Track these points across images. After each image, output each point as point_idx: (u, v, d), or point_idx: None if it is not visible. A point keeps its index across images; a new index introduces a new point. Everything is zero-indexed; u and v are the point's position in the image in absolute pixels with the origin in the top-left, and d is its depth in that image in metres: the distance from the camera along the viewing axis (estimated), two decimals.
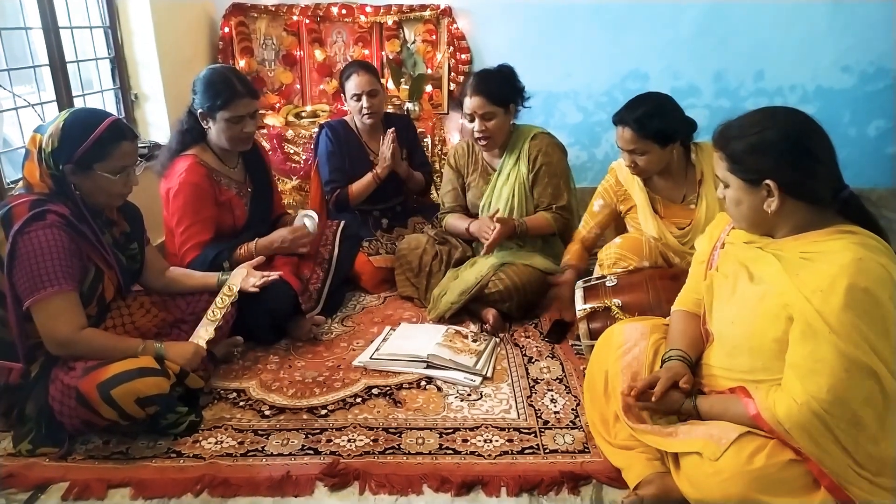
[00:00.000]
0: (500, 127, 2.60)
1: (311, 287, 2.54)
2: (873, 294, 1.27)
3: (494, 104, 2.55)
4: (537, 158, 2.64)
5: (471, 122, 2.60)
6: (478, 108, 2.54)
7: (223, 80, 2.32)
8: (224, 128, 2.34)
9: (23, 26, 2.63)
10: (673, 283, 1.95)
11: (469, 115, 2.59)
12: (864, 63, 3.76)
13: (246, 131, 2.37)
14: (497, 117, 2.57)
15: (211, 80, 2.33)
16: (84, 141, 1.74)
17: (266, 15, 3.73)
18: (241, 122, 2.34)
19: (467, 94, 2.58)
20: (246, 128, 2.36)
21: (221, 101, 2.29)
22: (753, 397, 1.40)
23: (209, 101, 2.31)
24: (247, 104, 2.34)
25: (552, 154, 2.66)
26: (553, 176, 2.64)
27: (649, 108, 2.13)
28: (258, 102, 2.44)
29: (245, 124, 2.35)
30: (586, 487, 1.65)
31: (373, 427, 1.89)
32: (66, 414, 1.73)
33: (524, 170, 2.65)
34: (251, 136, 2.42)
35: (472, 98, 2.55)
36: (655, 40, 3.75)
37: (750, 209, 1.42)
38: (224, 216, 2.44)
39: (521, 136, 2.70)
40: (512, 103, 2.61)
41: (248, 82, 2.41)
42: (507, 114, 2.61)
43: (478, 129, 2.58)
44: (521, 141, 2.68)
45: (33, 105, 2.61)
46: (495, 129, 2.59)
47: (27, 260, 1.68)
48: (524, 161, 2.65)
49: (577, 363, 2.23)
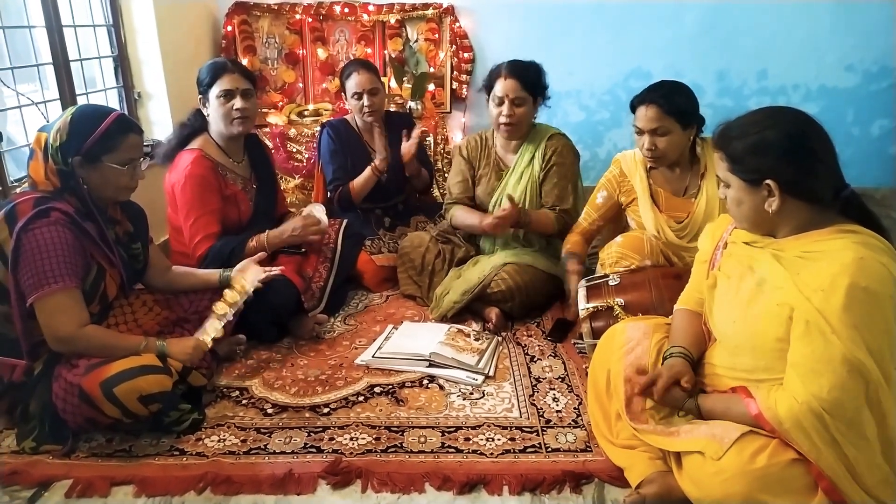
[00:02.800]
0: (526, 115, 2.57)
1: (314, 285, 2.54)
2: (874, 293, 1.27)
3: (526, 91, 2.52)
4: (551, 158, 2.62)
5: (498, 107, 2.56)
6: (510, 91, 2.51)
7: (214, 62, 2.42)
8: (215, 106, 2.38)
9: (26, 25, 2.63)
10: (676, 283, 1.95)
11: (499, 99, 2.54)
12: (868, 62, 3.76)
13: (237, 108, 2.37)
14: (526, 105, 2.55)
15: (206, 64, 2.43)
16: (92, 133, 1.76)
17: (269, 13, 3.73)
18: (231, 97, 2.36)
19: (501, 76, 2.53)
20: (236, 104, 2.37)
21: (210, 77, 2.37)
22: (755, 397, 1.40)
23: (203, 84, 2.39)
24: (235, 79, 2.38)
25: (566, 156, 2.64)
26: (562, 178, 2.63)
27: (674, 87, 2.18)
28: (250, 84, 2.43)
29: (235, 100, 2.37)
30: (588, 486, 1.65)
31: (375, 425, 1.89)
32: (69, 411, 1.73)
33: (537, 168, 2.63)
34: (245, 114, 2.40)
35: (507, 80, 2.51)
36: (658, 39, 3.75)
37: (751, 209, 1.42)
38: (229, 211, 2.45)
39: (538, 134, 2.67)
40: (539, 97, 2.60)
41: (240, 64, 2.47)
42: (534, 105, 2.59)
43: (506, 114, 2.53)
44: (538, 139, 2.66)
45: (37, 103, 2.61)
46: (522, 117, 2.56)
47: (31, 256, 1.68)
48: (538, 160, 2.63)
49: (579, 362, 2.23)
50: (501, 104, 2.54)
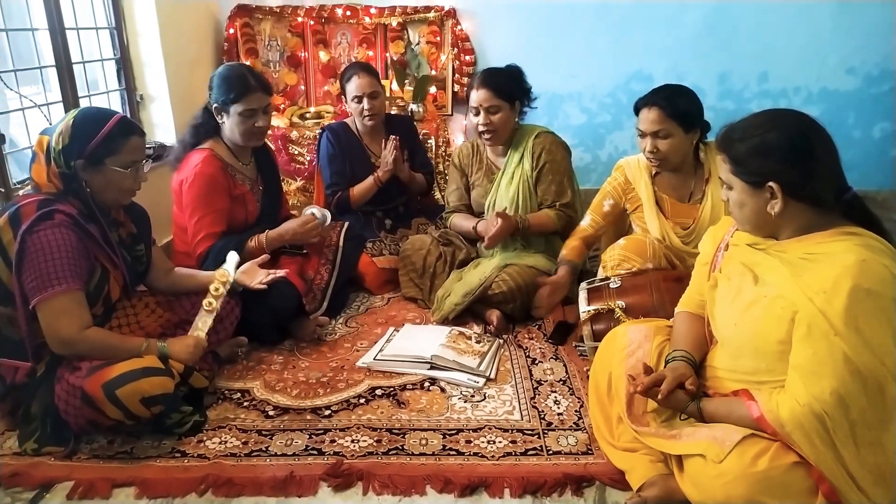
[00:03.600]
0: (504, 122, 2.61)
1: (315, 287, 2.55)
2: (877, 295, 1.27)
3: (500, 98, 2.57)
4: (541, 156, 2.65)
5: (476, 116, 2.62)
6: (483, 101, 2.57)
7: (238, 76, 2.39)
8: (237, 122, 2.38)
9: (29, 27, 2.64)
10: (677, 285, 1.95)
11: (475, 109, 2.61)
12: (869, 65, 3.75)
13: (258, 126, 2.42)
14: (502, 111, 2.59)
15: (226, 75, 2.40)
16: (95, 136, 1.77)
17: (271, 16, 3.74)
18: (254, 116, 2.39)
19: (474, 88, 2.61)
20: (258, 122, 2.41)
21: (235, 94, 2.35)
22: (757, 399, 1.39)
23: (223, 96, 2.37)
24: (259, 98, 2.39)
25: (555, 152, 2.67)
26: (556, 173, 2.65)
27: (677, 90, 2.20)
28: (271, 98, 2.49)
29: (257, 118, 2.40)
30: (590, 489, 1.65)
31: (376, 428, 1.89)
32: (71, 413, 1.73)
33: (528, 168, 2.65)
34: (264, 130, 2.47)
35: (479, 91, 2.58)
36: (659, 41, 3.75)
37: (753, 211, 1.43)
38: (237, 211, 2.47)
39: (524, 134, 2.71)
40: (518, 101, 2.63)
41: (261, 78, 2.47)
42: (512, 110, 2.62)
43: (482, 123, 2.59)
44: (524, 139, 2.69)
45: (39, 106, 2.62)
46: (500, 124, 2.60)
47: (35, 259, 1.69)
48: (528, 159, 2.66)
49: (580, 365, 2.23)
50: (478, 114, 2.60)
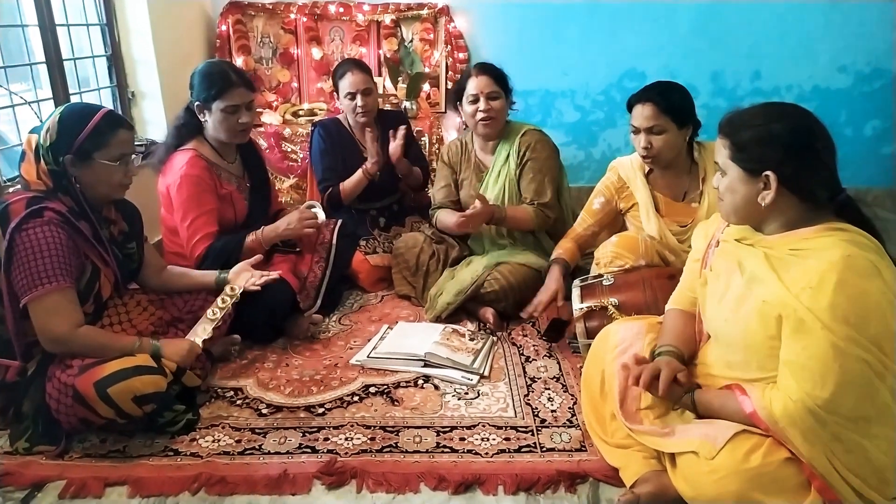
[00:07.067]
0: (502, 110, 2.61)
1: (309, 285, 2.54)
2: (862, 289, 1.27)
3: (499, 86, 2.57)
4: (525, 153, 2.65)
5: (472, 104, 2.59)
6: (484, 87, 2.56)
7: (218, 72, 2.35)
8: (220, 119, 2.35)
9: (19, 23, 2.62)
10: (669, 283, 1.95)
11: (473, 97, 2.58)
12: (861, 63, 3.78)
13: (242, 122, 2.38)
14: (500, 99, 2.59)
15: (206, 71, 2.37)
16: (82, 131, 1.75)
17: (263, 13, 3.72)
18: (237, 112, 2.36)
19: (471, 76, 2.60)
20: (242, 118, 2.37)
21: (216, 90, 2.32)
22: (749, 395, 1.40)
23: (205, 93, 2.34)
24: (241, 94, 2.36)
25: (541, 150, 2.66)
26: (538, 172, 2.64)
27: (670, 86, 2.22)
28: (254, 94, 2.45)
29: (241, 114, 2.37)
30: (583, 486, 1.65)
31: (370, 425, 1.89)
32: (62, 412, 1.73)
33: (513, 166, 2.66)
34: (247, 127, 2.43)
35: (479, 77, 2.57)
36: (652, 40, 3.76)
37: (743, 199, 1.43)
38: (225, 210, 2.45)
39: (512, 131, 2.71)
40: (509, 94, 2.64)
41: (243, 74, 2.44)
42: (506, 101, 2.63)
43: (482, 109, 2.57)
44: (512, 136, 2.69)
45: (30, 102, 2.60)
46: (499, 110, 2.60)
47: (25, 257, 1.68)
48: (514, 157, 2.66)
49: (574, 362, 2.24)
50: (476, 101, 2.58)
